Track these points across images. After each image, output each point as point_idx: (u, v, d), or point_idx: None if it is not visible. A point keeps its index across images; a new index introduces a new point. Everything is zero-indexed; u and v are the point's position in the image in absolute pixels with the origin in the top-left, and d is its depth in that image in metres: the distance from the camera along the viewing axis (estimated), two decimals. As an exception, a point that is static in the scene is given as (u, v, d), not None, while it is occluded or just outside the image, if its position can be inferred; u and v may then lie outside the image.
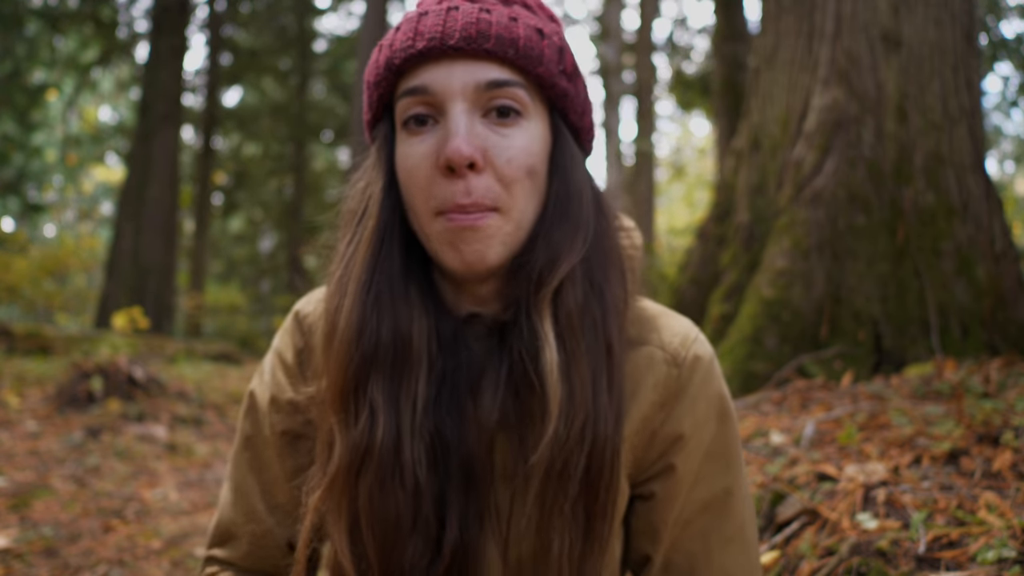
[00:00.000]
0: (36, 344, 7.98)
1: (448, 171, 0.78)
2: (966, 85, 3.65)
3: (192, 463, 4.21)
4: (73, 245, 17.22)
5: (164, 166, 12.61)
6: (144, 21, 14.20)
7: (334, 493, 0.81)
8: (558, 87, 0.84)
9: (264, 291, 19.29)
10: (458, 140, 0.77)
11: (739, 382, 3.06)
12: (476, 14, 0.80)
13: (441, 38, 0.79)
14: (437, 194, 0.79)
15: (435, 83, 0.79)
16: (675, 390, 0.88)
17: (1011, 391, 2.16)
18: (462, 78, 0.79)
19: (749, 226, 3.73)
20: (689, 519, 0.88)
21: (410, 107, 0.81)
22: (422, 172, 0.80)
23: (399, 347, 0.82)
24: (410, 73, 0.81)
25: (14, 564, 2.51)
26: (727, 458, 0.89)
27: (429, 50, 0.79)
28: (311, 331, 0.96)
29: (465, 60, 0.79)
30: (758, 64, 4.14)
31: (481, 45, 0.79)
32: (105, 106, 25.74)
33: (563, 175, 0.85)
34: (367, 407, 0.80)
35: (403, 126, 0.82)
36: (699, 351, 0.90)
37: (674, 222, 22.82)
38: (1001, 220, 3.54)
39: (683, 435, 0.87)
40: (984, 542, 1.31)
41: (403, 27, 0.83)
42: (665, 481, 0.88)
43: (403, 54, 0.81)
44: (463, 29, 0.79)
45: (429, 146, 0.80)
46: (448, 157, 0.76)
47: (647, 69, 13.53)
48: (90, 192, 26.70)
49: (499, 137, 0.80)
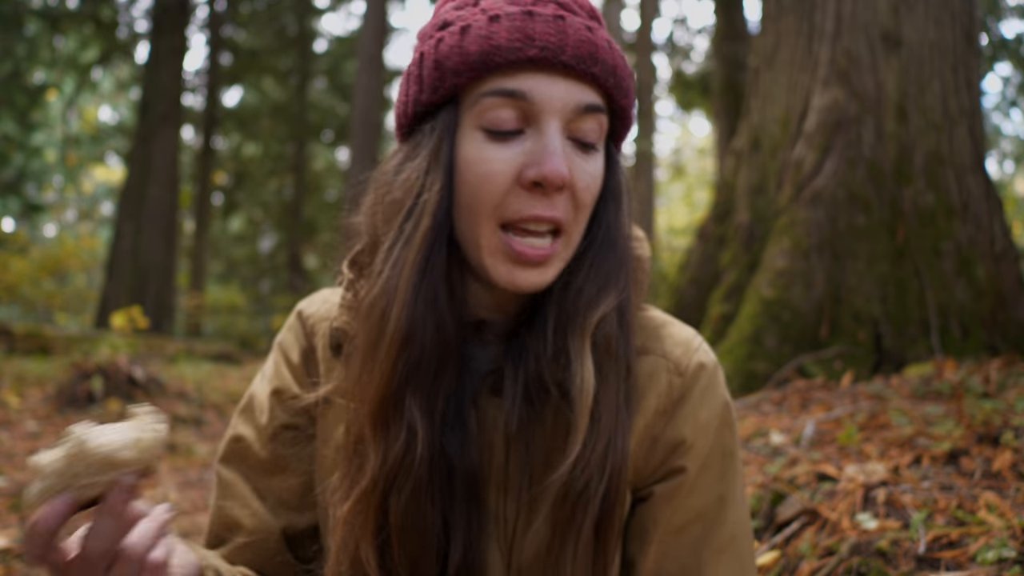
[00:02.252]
0: (36, 344, 7.98)
1: (534, 187, 0.76)
2: (966, 85, 3.65)
3: (192, 463, 4.21)
4: (73, 245, 17.21)
5: (164, 166, 12.61)
6: (144, 21, 14.21)
7: (366, 508, 0.79)
8: (629, 120, 0.84)
9: (264, 291, 19.28)
10: (557, 160, 0.75)
11: (739, 382, 3.06)
12: (584, 32, 0.77)
13: (555, 51, 0.75)
14: (511, 205, 0.77)
15: (536, 92, 0.76)
16: (677, 398, 0.87)
17: (1011, 391, 2.16)
18: (564, 97, 0.76)
19: (749, 226, 3.73)
20: (682, 526, 0.87)
21: (497, 107, 0.77)
22: (501, 181, 0.76)
23: (442, 360, 0.79)
24: (508, 72, 0.76)
25: (14, 564, 2.51)
26: (723, 466, 0.89)
27: (541, 60, 0.75)
28: (313, 332, 0.95)
29: (569, 78, 0.77)
30: (758, 64, 4.14)
31: (589, 68, 0.77)
32: (105, 106, 25.74)
33: (616, 203, 0.84)
34: (405, 422, 0.78)
35: (479, 126, 0.78)
36: (702, 359, 0.90)
37: (674, 222, 22.82)
38: (1001, 220, 3.54)
39: (685, 440, 0.87)
40: (984, 542, 1.31)
41: (504, 21, 0.77)
42: (668, 483, 0.87)
43: (510, 55, 0.75)
44: (575, 46, 0.76)
45: (514, 155, 0.76)
46: (546, 176, 0.74)
47: (647, 69, 13.54)
48: (90, 192, 26.70)
49: (581, 161, 0.78)
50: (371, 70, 11.29)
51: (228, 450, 0.97)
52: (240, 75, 17.27)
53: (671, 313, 0.90)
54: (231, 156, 18.86)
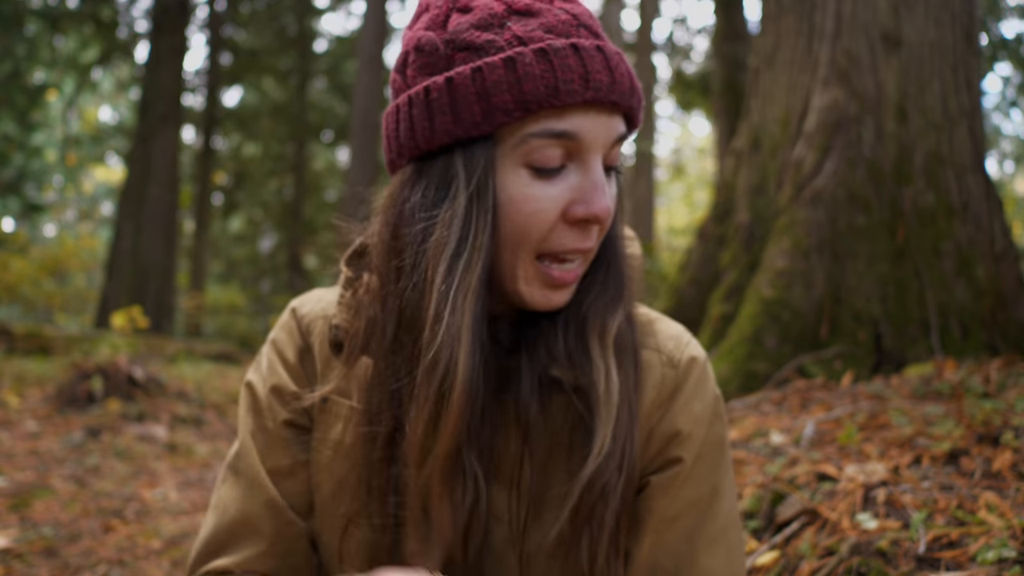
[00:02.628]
0: (36, 344, 7.98)
1: (579, 222, 0.78)
2: (966, 85, 3.65)
3: (192, 463, 4.21)
4: (73, 245, 17.22)
5: (164, 166, 12.61)
6: (144, 21, 14.21)
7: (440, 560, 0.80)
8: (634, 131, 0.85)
9: (264, 291, 19.28)
10: (606, 198, 0.77)
11: (739, 382, 3.06)
12: (623, 64, 0.78)
13: (607, 91, 0.75)
14: (553, 240, 0.78)
15: (584, 131, 0.76)
16: (671, 389, 0.90)
17: (1011, 391, 2.16)
18: (607, 132, 0.77)
19: (749, 226, 3.73)
20: (675, 516, 0.88)
21: (546, 147, 0.76)
22: (548, 218, 0.77)
23: (498, 410, 0.82)
24: (560, 113, 0.75)
25: (14, 564, 2.51)
26: (716, 457, 0.91)
27: (595, 100, 0.75)
28: (309, 330, 0.95)
29: (612, 114, 0.78)
30: (758, 64, 4.15)
31: (630, 102, 0.78)
32: (105, 106, 25.74)
33: (619, 212, 0.87)
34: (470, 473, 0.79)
35: (525, 164, 0.77)
36: (693, 352, 0.93)
37: (674, 222, 22.83)
38: (1001, 220, 3.54)
39: (680, 431, 0.88)
40: (984, 542, 1.31)
41: (556, 59, 0.74)
42: (665, 473, 0.89)
43: (570, 98, 0.74)
44: (620, 82, 0.77)
45: (561, 192, 0.77)
46: (596, 215, 0.76)
47: (647, 69, 13.54)
48: (90, 192, 26.70)
49: (609, 188, 0.81)
50: (371, 70, 11.29)
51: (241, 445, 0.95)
52: (240, 75, 17.27)
53: (671, 313, 0.91)
54: (231, 156, 18.86)
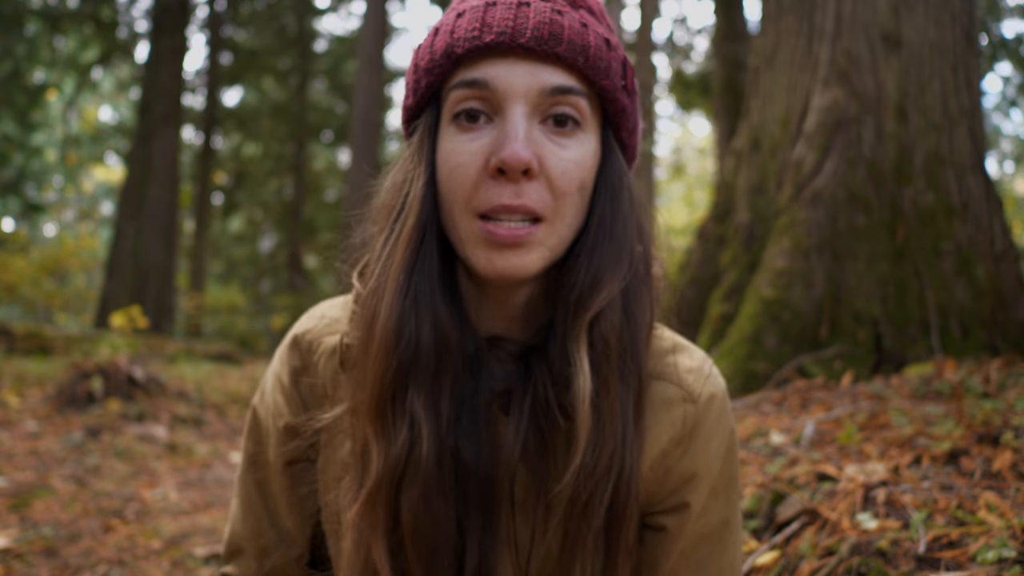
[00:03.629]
0: (36, 344, 7.98)
1: (499, 174, 0.75)
2: (966, 85, 3.65)
3: (192, 463, 4.21)
4: (73, 245, 17.22)
5: (164, 166, 12.61)
6: (144, 21, 14.21)
7: (374, 508, 0.77)
8: (619, 102, 0.81)
9: (264, 291, 19.28)
10: (516, 144, 0.73)
11: (739, 382, 3.06)
12: (549, 14, 0.76)
13: (512, 34, 0.75)
14: (482, 195, 0.76)
15: (497, 79, 0.75)
16: (691, 427, 0.87)
17: (1011, 391, 2.16)
18: (527, 80, 0.75)
19: (749, 226, 3.73)
20: (686, 551, 0.87)
21: (464, 100, 0.77)
22: (470, 172, 0.76)
23: (439, 353, 0.78)
24: (470, 64, 0.77)
25: (14, 564, 2.51)
26: (728, 491, 0.90)
27: (497, 45, 0.75)
28: (310, 349, 0.93)
29: (532, 61, 0.76)
30: (758, 64, 4.14)
31: (552, 48, 0.75)
32: (105, 106, 25.74)
33: (612, 193, 0.82)
34: (407, 417, 0.77)
35: (452, 119, 0.78)
36: (714, 388, 0.89)
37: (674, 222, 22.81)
38: (1001, 220, 3.54)
39: (697, 474, 0.87)
40: (984, 542, 1.31)
41: (467, 14, 0.78)
42: (677, 516, 0.87)
43: (467, 44, 0.76)
44: (535, 28, 0.75)
45: (481, 145, 0.76)
46: (504, 160, 0.73)
47: (647, 69, 13.53)
48: (90, 192, 26.70)
49: (555, 146, 0.77)
50: (371, 70, 11.29)
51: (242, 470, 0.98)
52: (240, 75, 17.27)
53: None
54: (231, 156, 18.85)
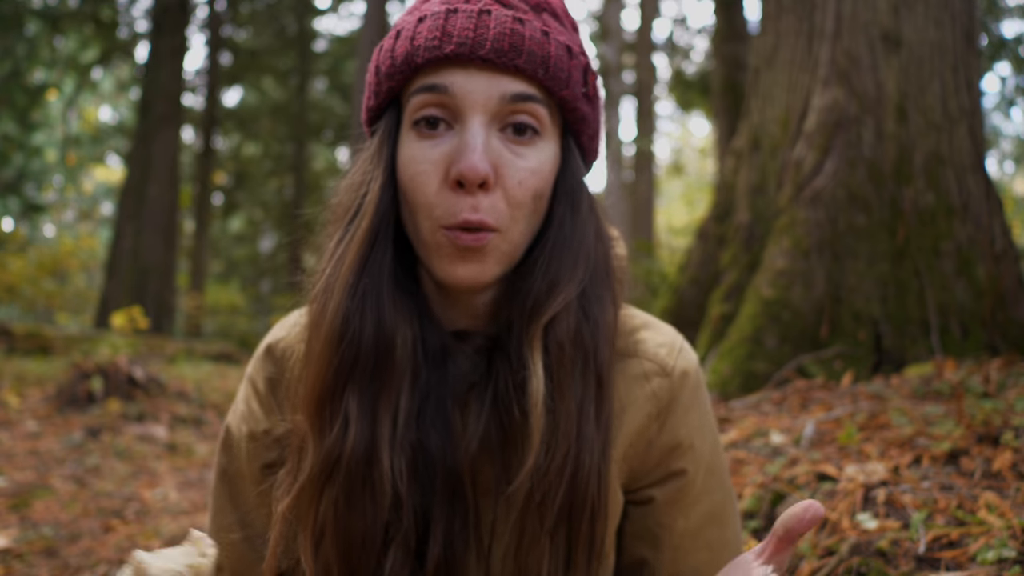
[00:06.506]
0: (36, 344, 7.98)
1: (457, 185, 0.75)
2: (966, 85, 3.65)
3: (192, 463, 4.21)
4: (73, 245, 17.23)
5: (164, 166, 12.61)
6: (144, 21, 14.21)
7: (302, 502, 0.78)
8: (579, 111, 0.81)
9: (264, 291, 19.28)
10: (475, 157, 0.73)
11: (739, 382, 3.06)
12: (510, 24, 0.76)
13: (472, 46, 0.75)
14: (443, 205, 0.76)
15: (456, 86, 0.75)
16: (667, 401, 0.87)
17: (1011, 391, 2.16)
18: (486, 90, 0.75)
19: (749, 226, 3.73)
20: (696, 531, 0.88)
21: (424, 106, 0.77)
22: (430, 180, 0.76)
23: (380, 354, 0.78)
24: (430, 70, 0.77)
25: (14, 564, 2.51)
26: (721, 468, 0.91)
27: (457, 56, 0.75)
28: (284, 357, 0.92)
29: (491, 71, 0.75)
30: (758, 64, 4.14)
31: (512, 60, 0.75)
32: (105, 106, 25.73)
33: (570, 199, 0.82)
34: (342, 415, 0.77)
35: (412, 125, 0.78)
36: (686, 362, 0.90)
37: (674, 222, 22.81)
38: (1001, 220, 3.54)
39: (681, 443, 0.87)
40: (984, 542, 1.31)
41: (428, 20, 0.77)
42: (668, 486, 0.88)
43: (427, 53, 0.76)
44: (495, 40, 0.75)
45: (440, 153, 0.76)
46: (462, 173, 0.73)
47: (647, 69, 13.55)
48: (90, 192, 26.69)
49: (513, 156, 0.77)
50: (371, 70, 11.28)
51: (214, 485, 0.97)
52: (240, 75, 17.27)
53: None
54: (231, 156, 18.86)
